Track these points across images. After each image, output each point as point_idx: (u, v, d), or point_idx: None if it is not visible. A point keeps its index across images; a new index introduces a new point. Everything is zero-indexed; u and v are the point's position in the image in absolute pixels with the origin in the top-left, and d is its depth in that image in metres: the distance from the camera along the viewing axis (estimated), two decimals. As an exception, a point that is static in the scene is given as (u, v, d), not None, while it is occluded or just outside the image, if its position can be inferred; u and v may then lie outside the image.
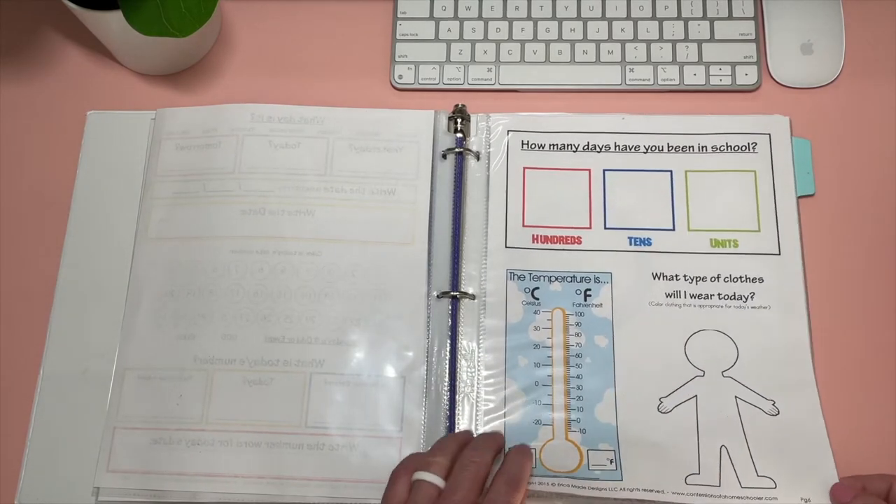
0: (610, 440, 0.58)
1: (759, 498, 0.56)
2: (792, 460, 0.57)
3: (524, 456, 0.54)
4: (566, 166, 0.66)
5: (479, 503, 0.50)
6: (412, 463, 0.53)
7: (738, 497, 0.56)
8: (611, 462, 0.58)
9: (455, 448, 0.53)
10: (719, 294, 0.62)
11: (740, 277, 0.63)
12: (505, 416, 0.59)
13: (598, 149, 0.67)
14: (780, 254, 0.63)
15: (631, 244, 0.64)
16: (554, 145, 0.67)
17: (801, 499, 0.56)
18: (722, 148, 0.66)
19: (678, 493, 0.56)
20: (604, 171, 0.66)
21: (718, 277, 0.63)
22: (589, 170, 0.66)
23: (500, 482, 0.52)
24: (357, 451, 0.58)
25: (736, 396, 0.59)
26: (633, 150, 0.67)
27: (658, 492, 0.56)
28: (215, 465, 0.58)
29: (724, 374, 0.60)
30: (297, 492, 0.58)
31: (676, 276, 0.63)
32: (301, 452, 0.58)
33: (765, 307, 0.62)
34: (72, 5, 0.63)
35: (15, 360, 0.64)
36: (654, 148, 0.66)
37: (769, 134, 0.66)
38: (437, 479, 0.50)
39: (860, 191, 0.66)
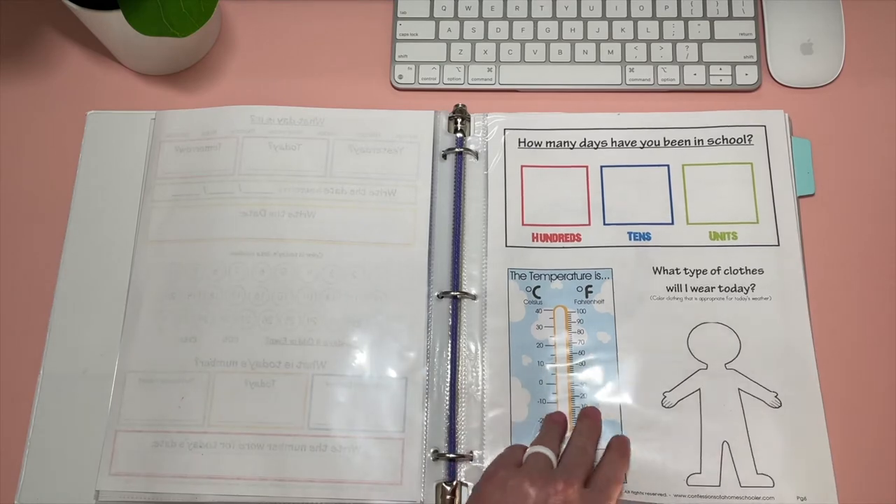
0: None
1: (756, 497, 0.57)
2: (791, 456, 0.57)
3: (625, 441, 0.58)
4: (563, 164, 0.66)
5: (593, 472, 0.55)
6: (520, 448, 0.57)
7: (736, 497, 0.57)
8: None
9: (559, 435, 0.58)
10: (720, 286, 0.62)
11: (740, 269, 0.63)
12: (511, 416, 0.60)
13: (594, 145, 0.67)
14: (779, 245, 0.63)
15: (630, 239, 0.64)
16: (550, 143, 0.67)
17: (798, 497, 0.56)
18: (718, 141, 0.66)
19: (680, 496, 0.57)
20: (601, 167, 0.66)
21: (719, 270, 0.63)
22: (586, 166, 0.66)
23: (614, 452, 0.57)
24: (359, 453, 0.58)
25: (739, 389, 0.59)
26: (629, 145, 0.67)
27: (661, 495, 0.57)
28: (217, 467, 0.58)
29: (727, 366, 0.60)
30: (299, 493, 0.57)
31: (677, 269, 0.63)
32: (303, 454, 0.58)
33: (766, 298, 0.62)
34: (72, 5, 0.63)
35: (15, 360, 0.64)
36: (650, 143, 0.67)
37: (764, 126, 0.66)
38: (551, 454, 0.55)
39: (860, 191, 0.66)
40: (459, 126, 0.67)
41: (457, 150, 0.66)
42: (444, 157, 0.66)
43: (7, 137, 0.70)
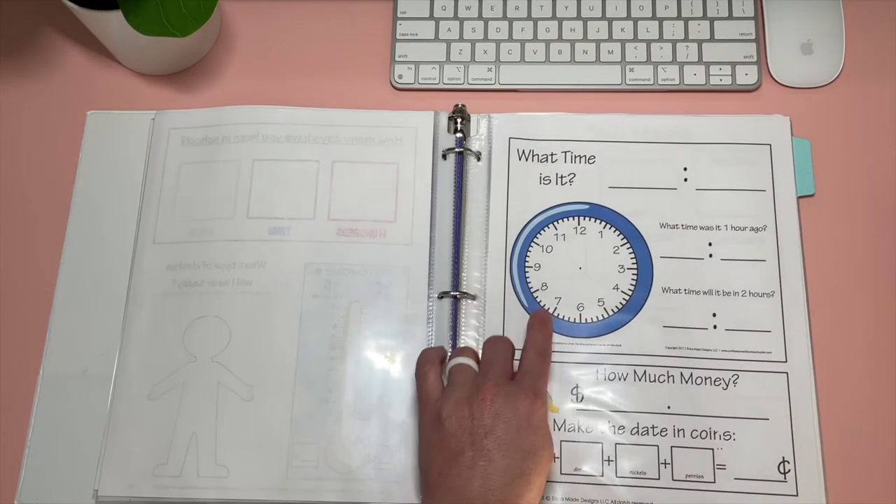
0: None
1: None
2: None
3: (546, 326, 0.58)
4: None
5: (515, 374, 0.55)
6: (434, 355, 0.56)
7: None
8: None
9: (472, 349, 0.58)
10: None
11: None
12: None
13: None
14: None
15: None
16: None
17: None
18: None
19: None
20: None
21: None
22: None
23: (531, 353, 0.56)
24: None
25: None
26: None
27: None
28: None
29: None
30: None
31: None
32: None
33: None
34: (72, 5, 0.63)
35: (15, 360, 0.64)
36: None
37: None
38: (472, 363, 0.55)
39: (860, 191, 0.66)
40: (459, 126, 0.67)
41: (457, 150, 0.66)
42: (445, 157, 0.66)
43: (7, 137, 0.70)
